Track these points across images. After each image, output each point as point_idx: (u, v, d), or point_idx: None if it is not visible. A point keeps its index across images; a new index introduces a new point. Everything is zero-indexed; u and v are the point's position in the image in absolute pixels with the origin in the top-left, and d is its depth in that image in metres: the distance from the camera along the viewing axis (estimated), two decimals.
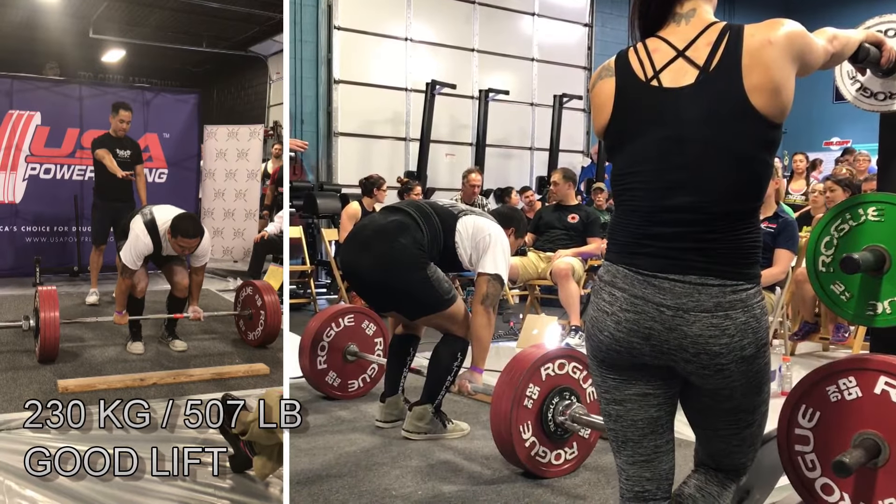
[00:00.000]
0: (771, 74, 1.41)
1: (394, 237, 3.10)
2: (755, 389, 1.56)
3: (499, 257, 3.19)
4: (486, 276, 3.17)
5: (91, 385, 3.77)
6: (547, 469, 2.81)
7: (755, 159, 1.46)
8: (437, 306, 3.15)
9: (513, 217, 3.60)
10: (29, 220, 6.99)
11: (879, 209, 1.88)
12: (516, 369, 2.76)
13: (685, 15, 1.53)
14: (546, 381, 2.79)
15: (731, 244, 1.46)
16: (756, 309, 1.48)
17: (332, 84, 9.24)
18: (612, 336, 1.53)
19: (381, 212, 3.38)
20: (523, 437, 2.75)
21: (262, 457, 2.64)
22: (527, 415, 2.75)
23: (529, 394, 2.75)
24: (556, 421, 2.79)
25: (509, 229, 3.43)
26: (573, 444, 2.87)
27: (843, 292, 1.94)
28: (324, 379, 3.80)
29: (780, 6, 12.76)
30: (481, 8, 10.37)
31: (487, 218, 3.33)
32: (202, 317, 4.60)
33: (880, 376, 1.76)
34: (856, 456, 1.72)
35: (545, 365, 2.78)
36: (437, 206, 3.30)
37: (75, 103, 7.14)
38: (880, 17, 1.89)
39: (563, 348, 2.94)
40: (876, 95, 1.91)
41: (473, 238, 3.21)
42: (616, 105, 1.54)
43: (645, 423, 1.59)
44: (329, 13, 9.19)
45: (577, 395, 2.84)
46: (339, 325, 3.83)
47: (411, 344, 3.44)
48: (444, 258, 3.22)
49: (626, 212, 1.54)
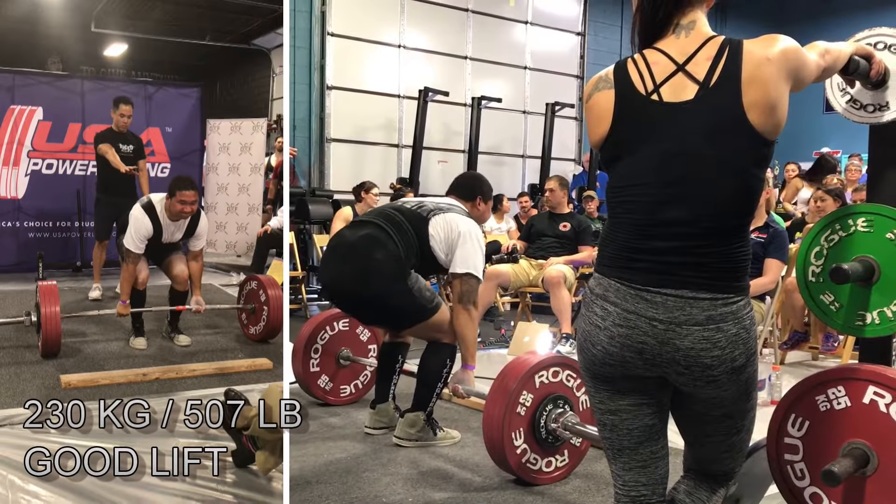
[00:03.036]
0: (768, 92, 1.43)
1: (367, 253, 3.05)
2: (744, 397, 1.59)
3: (469, 253, 3.14)
4: (458, 276, 3.14)
5: (94, 380, 3.77)
6: (538, 476, 2.81)
7: (750, 174, 1.47)
8: (421, 316, 3.13)
9: (474, 185, 3.44)
10: (31, 216, 6.97)
11: (869, 220, 1.89)
12: (510, 376, 2.76)
13: (686, 26, 1.53)
14: (540, 388, 2.79)
15: (723, 258, 1.48)
16: (746, 320, 1.50)
17: (324, 90, 9.23)
18: (605, 350, 1.54)
19: (350, 227, 3.29)
20: (515, 444, 2.75)
21: (265, 451, 2.67)
22: (519, 422, 2.75)
23: (523, 401, 2.75)
24: (549, 428, 2.79)
25: (475, 200, 3.37)
26: (564, 451, 2.87)
27: (833, 302, 1.95)
28: (316, 382, 3.78)
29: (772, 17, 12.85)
30: (475, 16, 10.40)
31: (455, 212, 3.24)
32: (204, 309, 4.58)
33: (868, 386, 1.77)
34: (844, 465, 1.73)
35: (539, 372, 2.78)
36: (405, 211, 3.21)
37: (77, 98, 7.13)
38: (870, 30, 1.90)
39: (558, 356, 2.94)
40: (866, 107, 1.93)
41: (447, 239, 3.16)
42: (615, 118, 1.54)
43: (640, 432, 1.60)
44: (323, 19, 9.19)
45: (570, 403, 2.84)
46: (333, 329, 3.81)
47: (400, 351, 3.43)
48: (424, 263, 3.18)
49: (620, 224, 1.54)
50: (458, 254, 3.14)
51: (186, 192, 4.26)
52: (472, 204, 3.37)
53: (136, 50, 11.73)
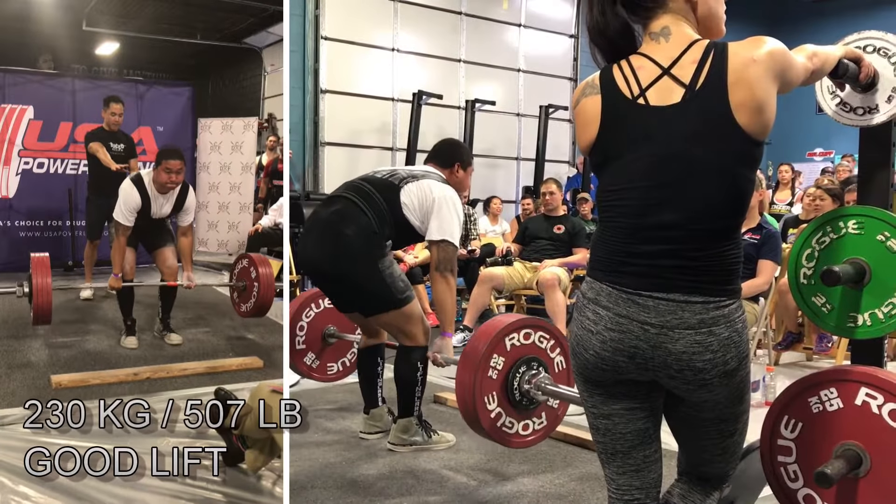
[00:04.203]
0: (754, 92, 1.43)
1: (339, 229, 3.02)
2: (737, 400, 1.59)
3: (444, 220, 3.09)
4: (435, 244, 3.11)
5: (85, 380, 3.77)
6: (514, 439, 2.75)
7: (740, 176, 1.48)
8: (392, 303, 3.09)
9: (451, 151, 3.38)
10: (22, 215, 6.96)
11: (859, 222, 1.90)
12: (480, 340, 2.68)
13: (660, 33, 1.53)
14: (511, 351, 2.70)
15: (714, 261, 1.48)
16: (738, 323, 1.50)
17: (318, 94, 9.24)
18: (598, 355, 1.54)
19: (323, 203, 3.26)
20: (489, 408, 2.67)
21: (255, 450, 2.69)
22: (491, 385, 2.67)
23: (494, 364, 2.67)
24: (522, 390, 2.71)
25: (454, 167, 3.33)
26: (542, 414, 2.80)
27: (825, 304, 1.95)
28: (302, 359, 3.75)
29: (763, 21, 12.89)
30: (468, 19, 10.41)
31: (430, 178, 3.19)
32: (194, 285, 4.60)
33: (861, 387, 1.78)
34: (837, 467, 1.73)
35: (510, 335, 2.70)
36: (375, 181, 3.15)
37: (68, 97, 7.13)
38: (858, 33, 1.91)
39: (529, 317, 2.86)
40: (855, 110, 1.93)
41: (421, 205, 3.11)
42: (603, 123, 1.54)
43: (633, 435, 1.61)
44: (316, 23, 9.19)
45: (544, 364, 2.76)
46: (318, 307, 3.77)
47: (378, 353, 3.42)
48: (399, 233, 3.14)
49: (610, 229, 1.55)
50: (434, 221, 3.09)
51: (171, 162, 4.30)
52: (450, 171, 3.32)
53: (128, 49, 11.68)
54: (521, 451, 3.23)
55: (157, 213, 4.49)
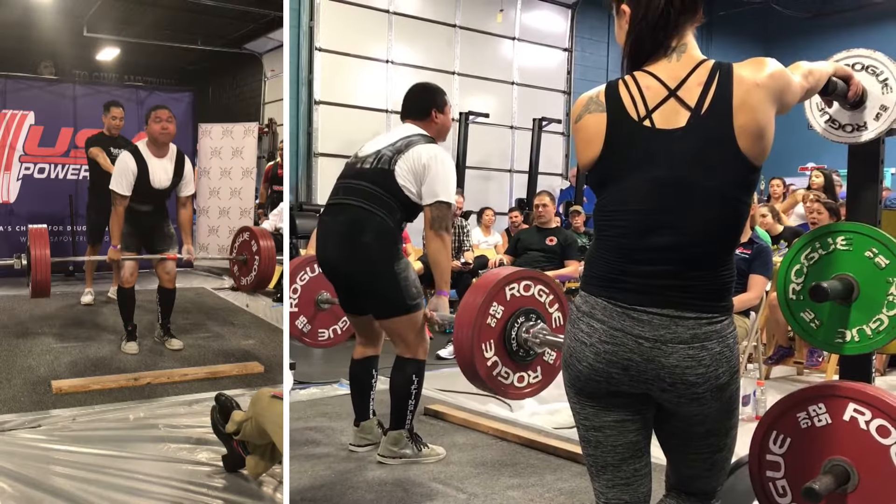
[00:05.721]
0: (756, 117, 1.45)
1: (356, 238, 3.04)
2: (727, 414, 1.61)
3: (436, 181, 3.07)
4: (427, 206, 3.09)
5: (85, 386, 3.74)
6: (509, 390, 2.72)
7: (739, 202, 1.49)
8: (402, 308, 3.10)
9: (424, 98, 3.32)
10: (23, 220, 6.93)
11: (848, 238, 1.91)
12: (480, 288, 2.65)
13: (677, 49, 1.54)
14: (511, 301, 2.68)
15: (709, 281, 1.50)
16: (730, 339, 1.53)
17: (312, 105, 9.25)
18: (591, 367, 1.55)
19: (328, 212, 3.24)
20: (486, 356, 2.64)
21: (255, 456, 2.67)
22: (490, 333, 2.64)
23: (493, 312, 2.64)
24: (520, 340, 2.68)
25: (431, 114, 3.27)
26: (537, 368, 2.78)
27: (813, 320, 1.96)
28: (293, 323, 3.73)
29: (758, 37, 13.00)
30: (462, 32, 10.47)
31: (414, 144, 3.15)
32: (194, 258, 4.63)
33: (849, 403, 1.79)
34: (825, 482, 1.74)
35: (510, 284, 2.67)
36: (368, 174, 3.14)
37: (69, 102, 7.17)
38: (847, 51, 1.93)
39: (529, 270, 2.86)
40: (844, 127, 1.95)
41: (415, 174, 3.09)
42: (607, 143, 1.54)
43: (624, 448, 1.61)
44: (311, 34, 9.22)
45: (542, 317, 2.74)
46: (313, 271, 3.76)
47: (372, 365, 3.42)
48: (408, 210, 3.14)
49: (607, 246, 1.55)
50: (427, 186, 3.08)
51: (160, 111, 4.38)
52: (428, 121, 3.28)
53: (129, 54, 11.71)
54: (510, 465, 3.22)
55: (158, 183, 4.45)
